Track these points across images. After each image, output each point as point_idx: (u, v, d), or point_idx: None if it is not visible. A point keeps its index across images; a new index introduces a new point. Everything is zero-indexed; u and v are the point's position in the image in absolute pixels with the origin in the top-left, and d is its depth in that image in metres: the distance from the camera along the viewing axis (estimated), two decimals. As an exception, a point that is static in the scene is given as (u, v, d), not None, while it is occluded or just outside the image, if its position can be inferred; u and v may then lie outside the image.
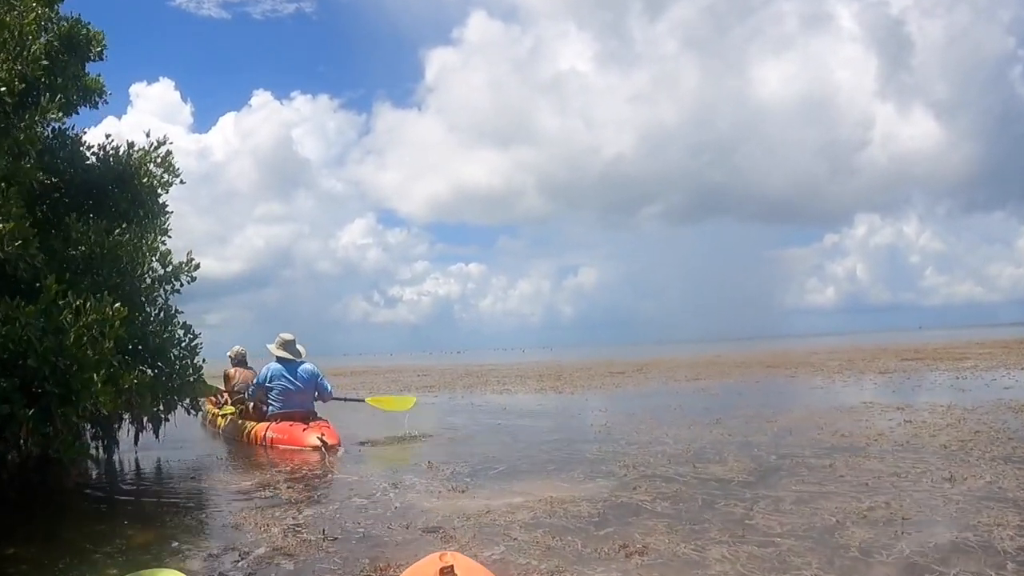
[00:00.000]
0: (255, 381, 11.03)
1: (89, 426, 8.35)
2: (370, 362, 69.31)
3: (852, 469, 7.23)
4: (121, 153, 10.07)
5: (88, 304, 5.73)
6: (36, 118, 7.59)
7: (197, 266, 9.33)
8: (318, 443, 9.47)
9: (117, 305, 5.98)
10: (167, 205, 10.62)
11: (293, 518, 5.83)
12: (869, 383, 18.19)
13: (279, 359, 10.61)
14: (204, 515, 6.21)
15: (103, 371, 5.78)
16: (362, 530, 5.44)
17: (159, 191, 10.59)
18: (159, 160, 10.53)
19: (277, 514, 5.97)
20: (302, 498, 6.65)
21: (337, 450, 9.48)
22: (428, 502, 6.29)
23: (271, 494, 6.89)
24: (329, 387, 11.05)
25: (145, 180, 10.18)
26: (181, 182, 10.57)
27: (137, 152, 10.44)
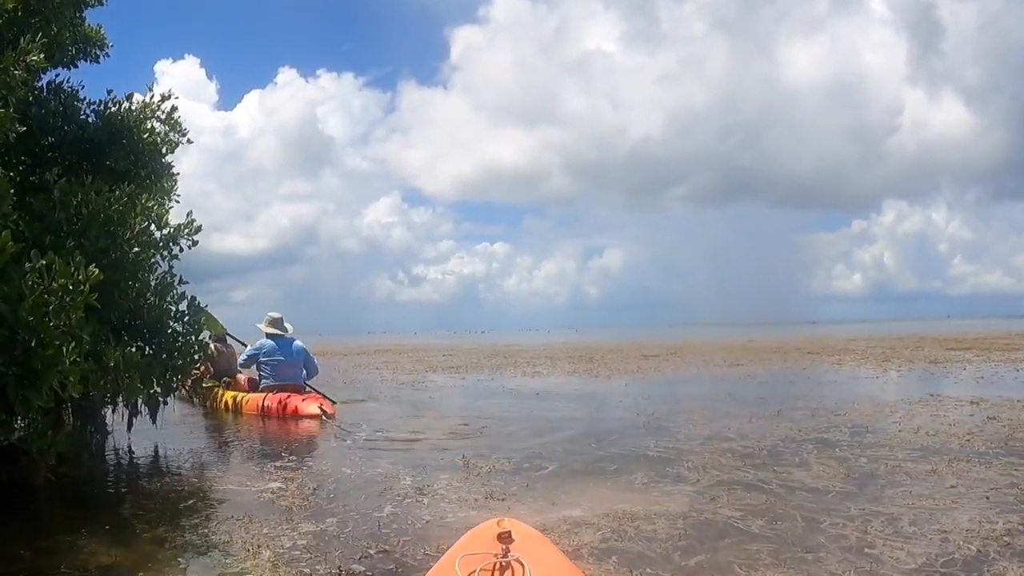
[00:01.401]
0: (248, 353, 11.53)
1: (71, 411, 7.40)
2: (395, 340, 68.61)
3: (961, 477, 6.14)
4: (120, 107, 9.20)
5: (54, 266, 4.65)
6: (14, 60, 6.58)
7: (198, 228, 8.40)
8: (319, 412, 10.26)
9: (91, 267, 4.91)
10: (172, 166, 9.89)
11: (298, 535, 4.73)
12: (924, 373, 16.96)
13: (269, 335, 11.29)
14: (190, 525, 5.08)
15: (72, 346, 4.72)
16: (381, 556, 4.35)
17: (163, 150, 9.82)
18: (164, 116, 9.72)
19: (278, 529, 4.87)
20: (310, 505, 5.53)
21: (333, 417, 10.22)
22: (465, 513, 5.18)
23: (274, 497, 5.82)
24: (316, 364, 11.87)
25: (147, 137, 9.36)
26: (188, 141, 9.95)
27: (137, 105, 9.58)
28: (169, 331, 7.91)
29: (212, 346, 11.59)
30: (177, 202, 9.71)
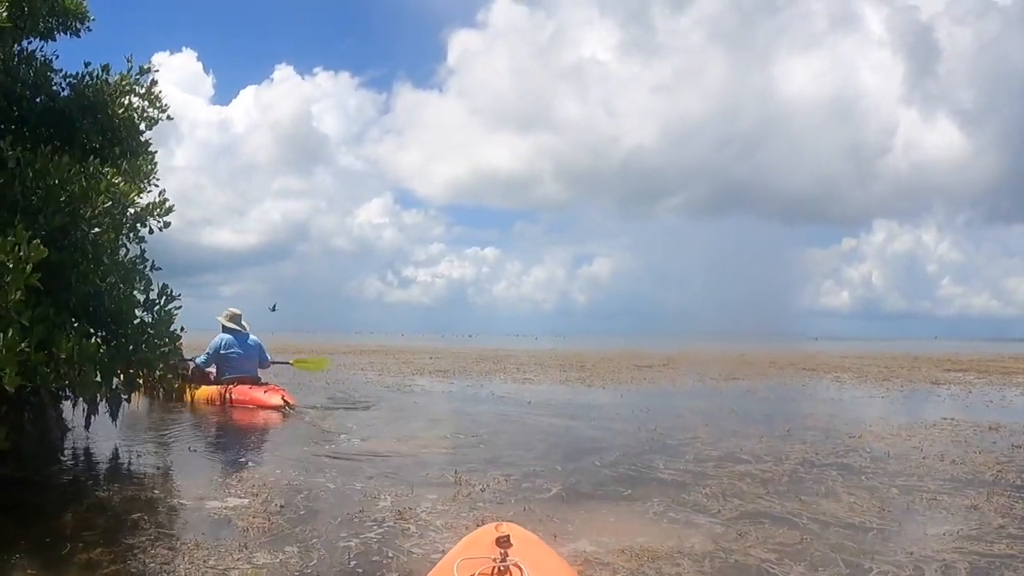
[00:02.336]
0: (210, 349, 11.83)
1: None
2: (382, 341, 67.74)
3: (1005, 515, 5.55)
4: (94, 77, 8.58)
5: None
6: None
7: (169, 209, 7.79)
8: (282, 403, 10.87)
9: (35, 242, 4.22)
10: (150, 145, 9.28)
11: (250, 567, 4.02)
12: (929, 395, 16.32)
13: (228, 330, 11.85)
14: (130, 548, 4.32)
15: (10, 333, 4.04)
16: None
17: (141, 127, 9.19)
18: (143, 91, 9.10)
19: (228, 559, 4.15)
20: (272, 528, 4.79)
21: (295, 408, 10.85)
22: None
23: (234, 516, 5.10)
24: (268, 356, 12.42)
25: (122, 112, 8.74)
26: (169, 118, 9.40)
27: (114, 78, 8.93)
28: (136, 321, 7.27)
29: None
30: (156, 184, 9.16)
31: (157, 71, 9.06)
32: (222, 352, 11.67)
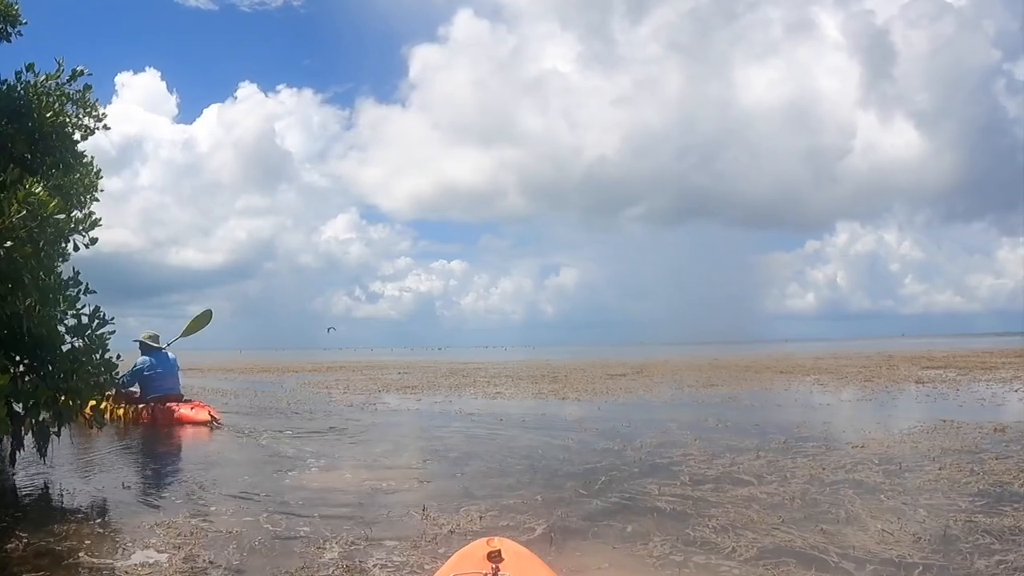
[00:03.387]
0: (132, 370, 11.89)
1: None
2: (350, 357, 66.55)
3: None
4: (22, 82, 7.81)
5: None
6: None
7: (95, 223, 7.08)
8: (208, 418, 11.38)
9: None
10: (85, 155, 8.55)
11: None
12: (916, 395, 15.62)
13: (147, 351, 12.22)
14: None
15: None
16: None
17: (74, 136, 8.42)
18: (75, 96, 8.32)
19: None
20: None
21: (221, 424, 11.34)
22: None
23: (165, 570, 4.23)
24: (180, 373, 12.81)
25: (50, 117, 7.96)
26: (105, 128, 8.62)
27: (41, 79, 8.15)
28: (67, 347, 6.70)
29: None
30: (97, 199, 8.43)
31: (90, 75, 8.35)
32: (145, 372, 12.01)
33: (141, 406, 11.96)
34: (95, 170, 8.36)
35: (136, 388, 12.16)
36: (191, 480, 7.24)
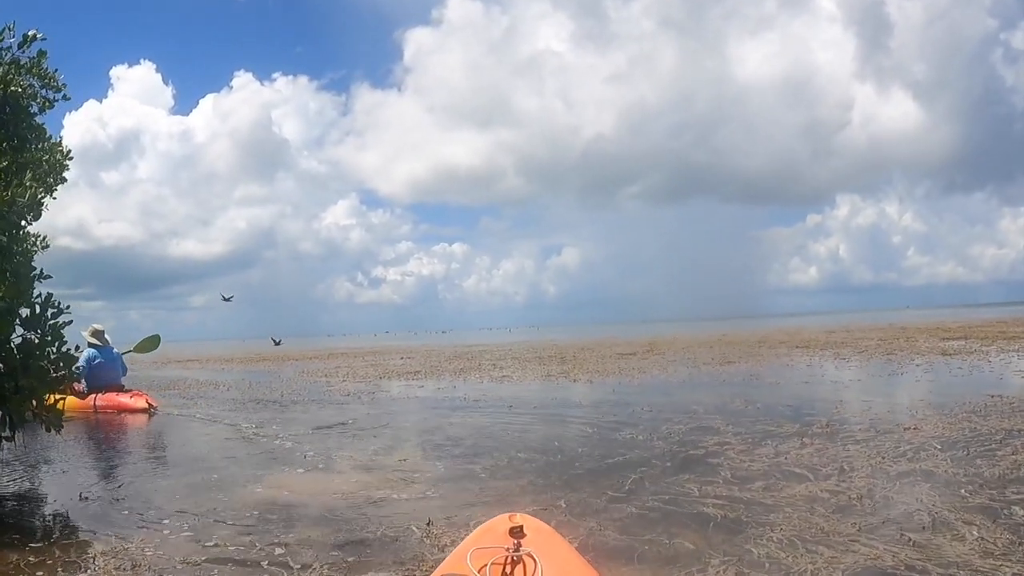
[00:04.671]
0: (78, 364, 11.62)
1: None
2: (353, 343, 65.69)
3: None
4: None
5: None
6: None
7: (39, 203, 6.29)
8: (146, 406, 12.07)
9: None
10: (47, 131, 7.74)
11: None
12: (949, 368, 14.64)
13: (92, 344, 12.61)
14: None
15: None
16: None
17: (32, 109, 7.59)
18: (29, 65, 7.52)
19: None
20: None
21: (157, 410, 12.03)
22: None
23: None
24: (126, 366, 13.36)
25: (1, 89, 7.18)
26: (65, 98, 7.66)
27: None
28: (19, 340, 6.05)
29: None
30: (64, 179, 7.58)
31: (44, 39, 7.47)
32: (91, 365, 12.32)
33: (85, 399, 12.35)
34: (63, 150, 7.51)
35: (83, 382, 12.37)
36: (156, 489, 6.36)
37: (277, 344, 61.30)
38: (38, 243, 7.88)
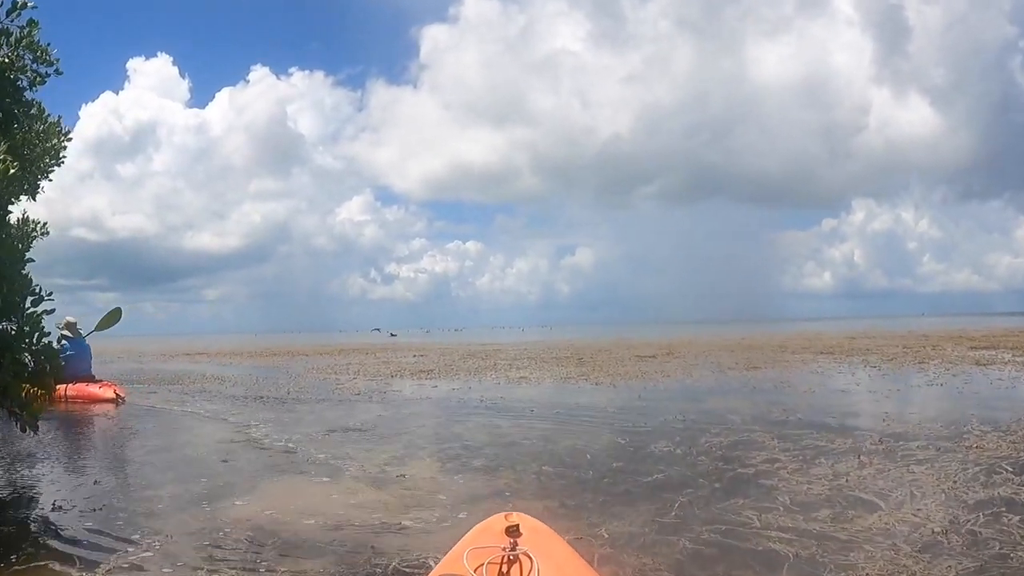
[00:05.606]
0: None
1: None
2: (364, 340, 65.08)
3: None
4: None
5: None
6: None
7: (34, 184, 5.75)
8: (114, 395, 12.80)
9: None
10: (45, 110, 7.23)
11: None
12: (988, 379, 13.86)
13: (64, 337, 12.91)
14: None
15: None
16: None
17: (21, 83, 7.08)
18: (18, 35, 6.96)
19: None
20: None
21: (125, 400, 12.84)
22: None
23: None
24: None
25: None
26: (58, 72, 6.95)
27: None
28: None
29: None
30: (60, 162, 7.02)
31: (35, 7, 6.85)
32: (63, 357, 12.25)
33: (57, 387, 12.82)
34: (60, 130, 6.94)
35: None
36: (137, 499, 5.72)
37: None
38: (38, 229, 7.33)
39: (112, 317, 13.70)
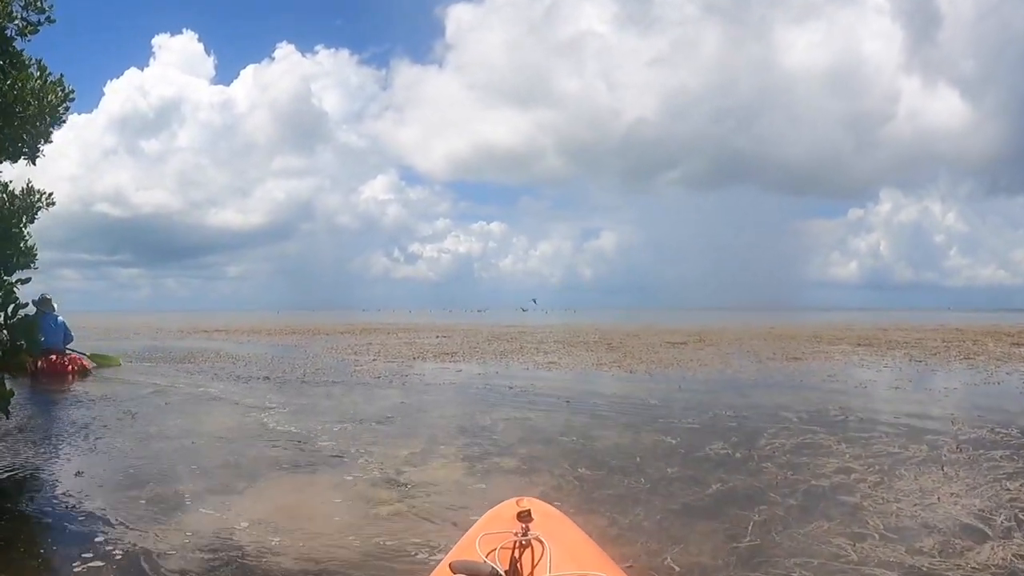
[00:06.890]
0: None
1: None
2: (387, 319, 64.63)
3: None
4: None
5: None
6: None
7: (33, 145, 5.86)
8: (82, 368, 13.70)
9: None
10: (47, 68, 6.39)
11: None
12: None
13: (38, 312, 11.85)
14: None
15: None
16: None
17: (8, 31, 6.43)
18: None
19: None
20: None
21: (90, 373, 13.80)
22: None
23: None
24: (71, 335, 14.20)
25: None
26: (50, 20, 6.51)
27: None
28: None
29: None
30: (63, 121, 6.43)
31: None
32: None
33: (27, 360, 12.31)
34: (63, 88, 6.30)
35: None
36: (106, 502, 5.01)
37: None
38: (43, 200, 6.71)
39: (111, 361, 15.55)
